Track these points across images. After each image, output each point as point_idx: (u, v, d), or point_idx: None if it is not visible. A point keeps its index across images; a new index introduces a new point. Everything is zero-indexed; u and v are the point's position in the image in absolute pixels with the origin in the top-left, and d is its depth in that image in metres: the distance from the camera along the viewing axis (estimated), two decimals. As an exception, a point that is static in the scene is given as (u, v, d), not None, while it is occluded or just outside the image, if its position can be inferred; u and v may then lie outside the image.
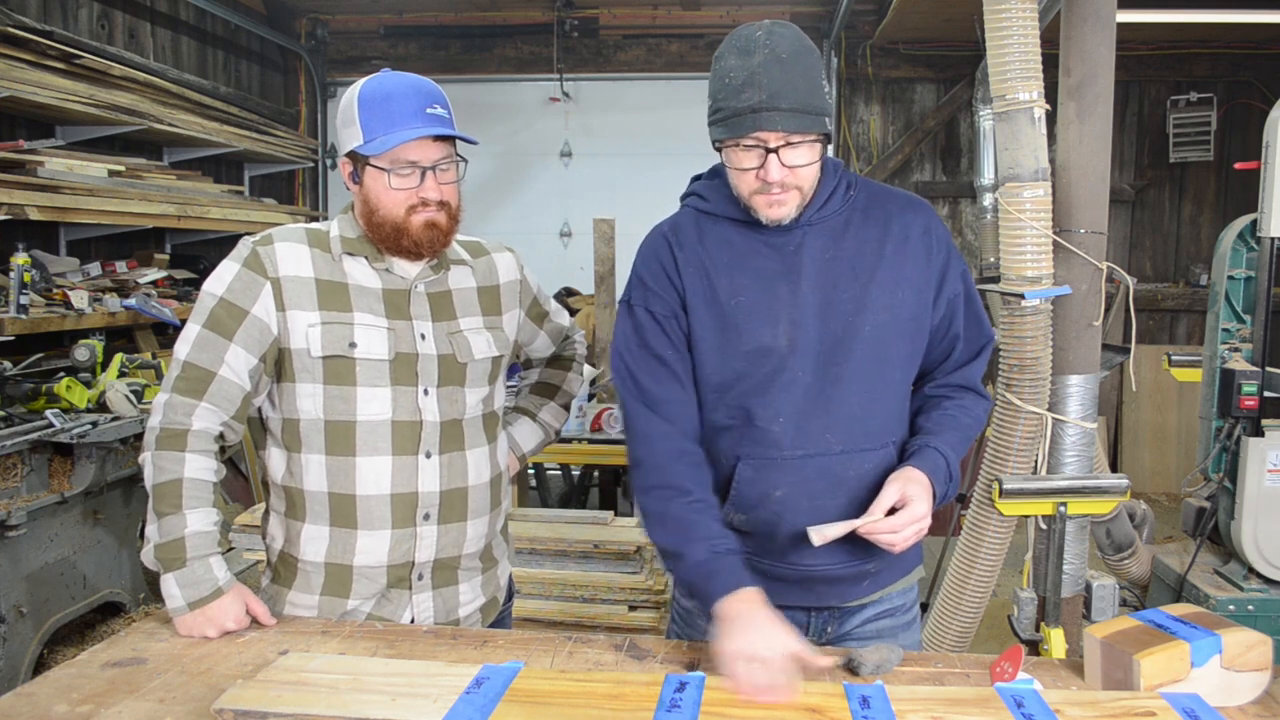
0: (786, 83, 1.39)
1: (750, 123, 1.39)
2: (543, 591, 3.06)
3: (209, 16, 5.72)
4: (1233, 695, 1.26)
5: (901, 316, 1.53)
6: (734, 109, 1.41)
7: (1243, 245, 3.25)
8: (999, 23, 2.18)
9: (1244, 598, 2.97)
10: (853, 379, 1.50)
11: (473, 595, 1.72)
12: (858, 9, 6.11)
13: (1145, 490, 6.16)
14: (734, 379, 1.52)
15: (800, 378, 1.50)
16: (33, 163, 3.82)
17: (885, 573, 1.61)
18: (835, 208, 1.54)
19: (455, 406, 1.65)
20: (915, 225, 1.56)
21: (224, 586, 1.52)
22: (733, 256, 1.54)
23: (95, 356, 3.59)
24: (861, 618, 1.63)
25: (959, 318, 1.60)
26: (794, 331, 1.50)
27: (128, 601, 3.58)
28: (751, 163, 1.44)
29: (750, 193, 1.47)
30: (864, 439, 1.52)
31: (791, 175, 1.43)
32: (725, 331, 1.52)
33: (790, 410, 1.50)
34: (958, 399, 1.61)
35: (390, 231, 1.58)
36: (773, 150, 1.41)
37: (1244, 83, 6.37)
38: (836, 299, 1.50)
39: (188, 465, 1.52)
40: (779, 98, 1.38)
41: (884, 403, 1.54)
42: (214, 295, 1.57)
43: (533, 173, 6.75)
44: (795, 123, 1.39)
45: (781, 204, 1.46)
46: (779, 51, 1.40)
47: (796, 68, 1.40)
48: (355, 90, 1.57)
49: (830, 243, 1.53)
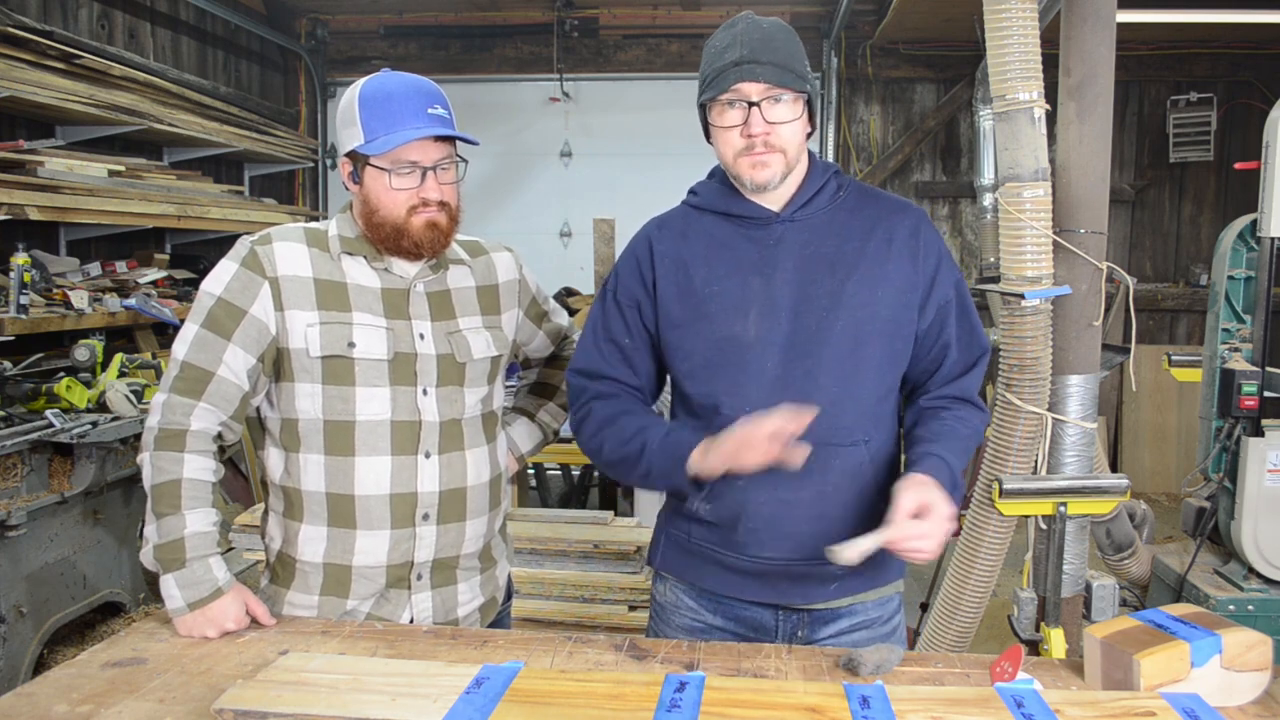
0: (767, 43, 1.45)
1: (733, 76, 1.44)
2: (543, 591, 3.06)
3: (209, 16, 5.72)
4: (1233, 695, 1.26)
5: (878, 315, 1.52)
6: (717, 69, 1.47)
7: (1243, 245, 3.25)
8: (999, 23, 2.18)
9: (1244, 598, 2.97)
10: (822, 374, 1.50)
11: (471, 595, 1.72)
12: (858, 9, 6.11)
13: (1145, 490, 6.16)
14: (702, 366, 1.55)
15: (769, 369, 1.50)
16: (33, 163, 3.82)
17: (854, 579, 1.56)
18: (821, 205, 1.56)
19: (454, 406, 1.65)
20: (902, 227, 1.56)
21: (224, 587, 1.52)
22: (712, 247, 1.56)
23: (95, 356, 3.59)
24: (834, 628, 1.60)
25: (950, 326, 1.58)
26: (763, 323, 1.51)
27: (128, 601, 3.58)
28: (735, 119, 1.47)
29: (735, 155, 1.50)
30: (831, 434, 1.50)
31: (774, 134, 1.46)
32: (698, 320, 1.55)
33: (757, 401, 1.49)
34: (954, 410, 1.59)
35: (390, 232, 1.57)
36: (755, 104, 1.45)
37: (1244, 83, 6.37)
38: (811, 294, 1.51)
39: (186, 465, 1.52)
40: (760, 53, 1.44)
41: (855, 400, 1.52)
42: (212, 295, 1.57)
43: (533, 173, 6.75)
44: (776, 75, 1.44)
45: (765, 165, 1.48)
46: (760, 24, 1.48)
47: (778, 34, 1.48)
48: (355, 90, 1.56)
49: (811, 238, 1.54)
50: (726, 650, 1.45)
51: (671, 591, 1.68)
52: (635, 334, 1.63)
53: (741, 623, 1.62)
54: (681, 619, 1.66)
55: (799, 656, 1.42)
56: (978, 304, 2.28)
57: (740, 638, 1.61)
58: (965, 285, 1.61)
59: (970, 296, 1.63)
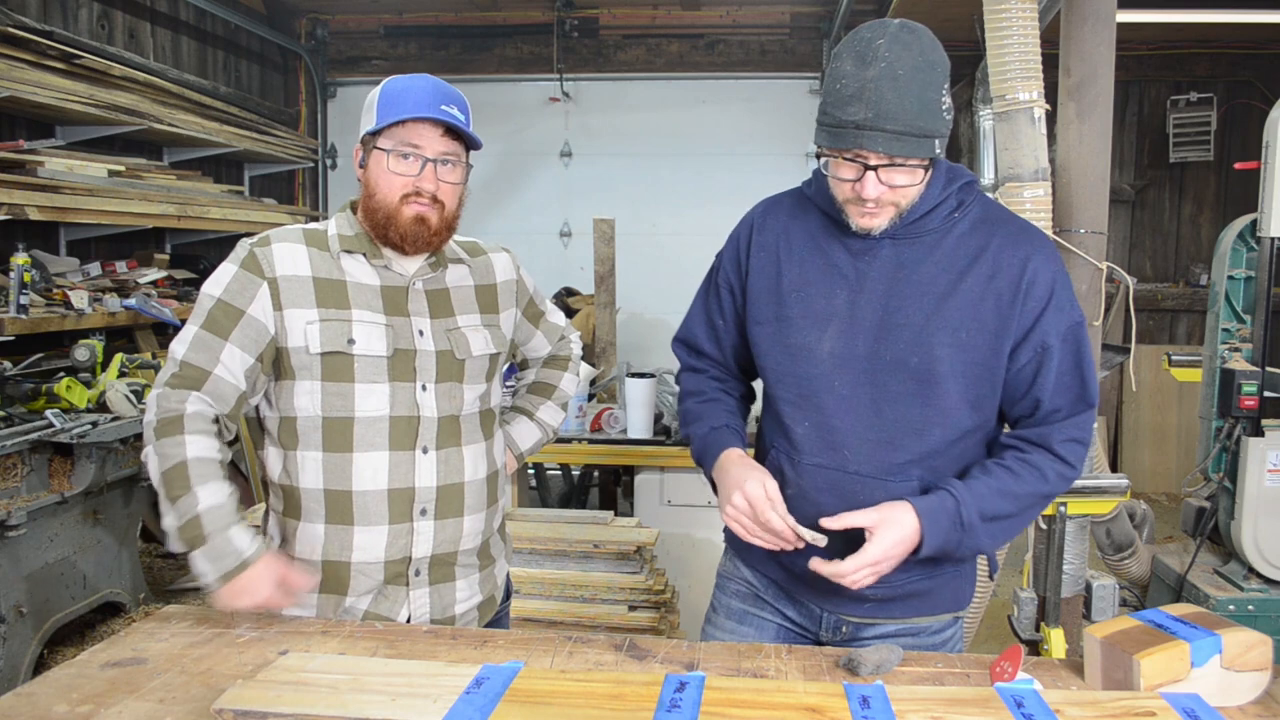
0: (898, 102, 1.30)
1: (853, 139, 1.33)
2: (542, 591, 3.06)
3: (209, 16, 5.72)
4: (1233, 695, 1.26)
5: (960, 357, 1.41)
6: (838, 120, 1.34)
7: (1243, 245, 3.25)
8: (999, 23, 2.18)
9: (1244, 598, 2.97)
10: (888, 405, 1.44)
11: (470, 593, 1.72)
12: (858, 9, 6.10)
13: (1145, 490, 6.16)
14: (774, 367, 1.54)
15: (835, 388, 1.46)
16: (33, 163, 3.82)
17: (894, 605, 1.54)
18: (933, 224, 1.45)
19: (453, 403, 1.66)
20: (1012, 262, 1.42)
21: (250, 557, 1.49)
22: (809, 247, 1.52)
23: (95, 356, 3.59)
24: (878, 632, 1.57)
25: (1047, 378, 1.44)
26: (839, 341, 1.46)
27: (128, 601, 3.58)
28: (850, 175, 1.38)
29: (845, 201, 1.43)
30: (884, 469, 1.45)
31: (890, 193, 1.38)
32: (778, 322, 1.53)
33: (816, 418, 1.48)
34: (1023, 453, 1.46)
35: (382, 218, 1.59)
36: (872, 168, 1.36)
37: (1244, 83, 6.37)
38: (896, 320, 1.43)
39: (189, 447, 1.51)
40: (885, 118, 1.30)
41: (917, 439, 1.44)
42: (212, 297, 1.58)
43: (533, 173, 6.75)
44: (899, 146, 1.32)
45: (874, 216, 1.41)
46: (897, 67, 1.30)
47: (912, 86, 1.31)
48: (381, 84, 1.61)
49: (910, 260, 1.44)
50: (726, 650, 1.45)
51: (731, 562, 1.73)
52: (728, 316, 1.65)
53: (792, 605, 1.63)
54: (737, 586, 1.70)
55: (799, 656, 1.42)
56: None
57: (788, 619, 1.64)
58: (1082, 331, 1.46)
59: (1088, 345, 1.47)
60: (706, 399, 1.66)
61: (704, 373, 1.70)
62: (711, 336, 1.68)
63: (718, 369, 1.70)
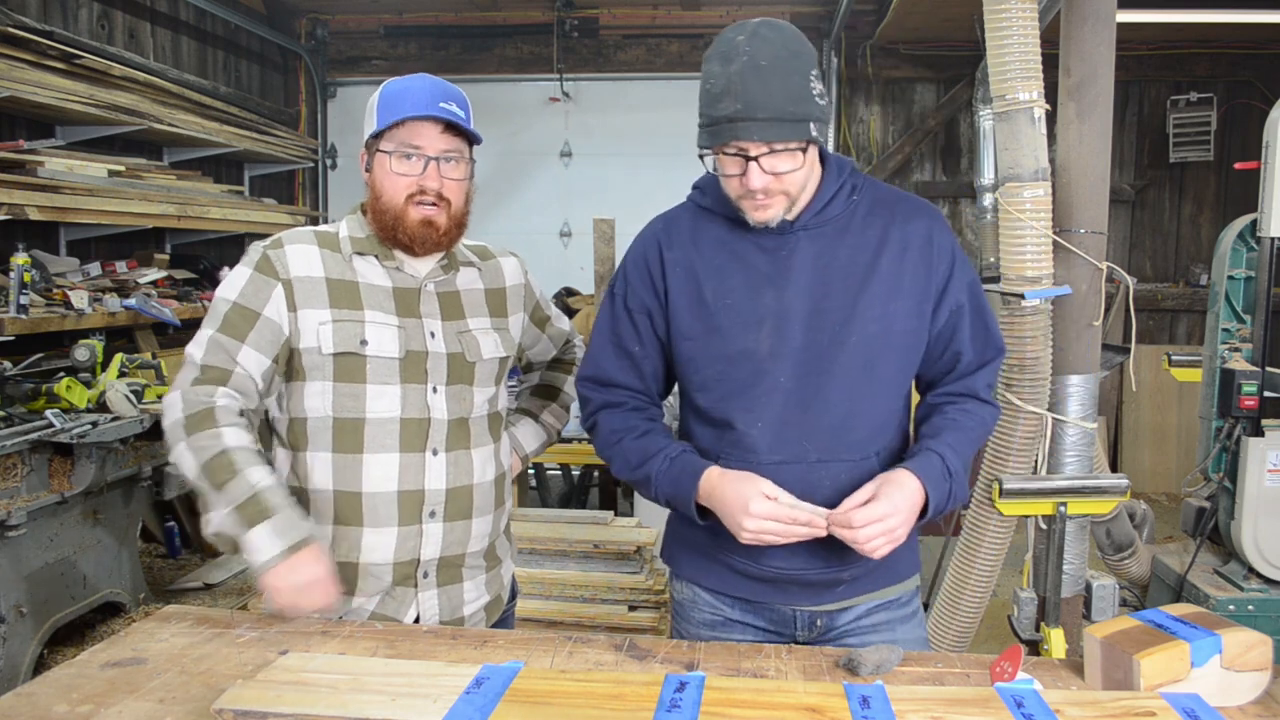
0: (764, 91, 1.36)
1: (728, 132, 1.38)
2: (543, 591, 3.06)
3: (209, 16, 5.72)
4: (1233, 695, 1.26)
5: (893, 329, 1.50)
6: (713, 117, 1.40)
7: (1243, 245, 3.25)
8: (999, 23, 2.18)
9: (1244, 598, 2.97)
10: (835, 389, 1.49)
11: (477, 594, 1.73)
12: (858, 9, 6.11)
13: (1145, 490, 6.16)
14: (715, 381, 1.53)
15: (781, 384, 1.49)
16: (33, 163, 3.82)
17: (864, 580, 1.58)
18: (835, 211, 1.52)
19: (463, 405, 1.66)
20: (917, 234, 1.52)
21: (313, 532, 1.49)
22: (723, 257, 1.54)
23: (95, 356, 3.59)
24: (853, 614, 1.61)
25: (963, 331, 1.56)
26: (776, 337, 1.49)
27: (128, 601, 3.58)
28: (734, 170, 1.43)
29: (736, 197, 1.47)
30: (843, 450, 1.50)
31: (775, 181, 1.42)
32: (709, 334, 1.53)
33: (769, 416, 1.49)
34: (959, 404, 1.58)
35: (390, 220, 1.60)
36: (753, 159, 1.40)
37: (1244, 83, 6.37)
38: (825, 307, 1.49)
39: (226, 437, 1.49)
40: (755, 107, 1.36)
41: (868, 415, 1.52)
42: (227, 300, 1.59)
43: (533, 173, 6.75)
44: (773, 132, 1.37)
45: (767, 208, 1.46)
46: (758, 58, 1.36)
47: (776, 75, 1.37)
48: (380, 87, 1.62)
49: (824, 248, 1.51)
50: (726, 650, 1.45)
51: (688, 589, 1.69)
52: (646, 342, 1.61)
53: (760, 615, 1.63)
54: (701, 614, 1.66)
55: (799, 656, 1.42)
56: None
57: (761, 630, 1.62)
58: (979, 286, 1.58)
59: (985, 297, 1.60)
60: (641, 433, 1.59)
61: (621, 406, 1.63)
62: (626, 367, 1.62)
63: (636, 398, 1.64)
